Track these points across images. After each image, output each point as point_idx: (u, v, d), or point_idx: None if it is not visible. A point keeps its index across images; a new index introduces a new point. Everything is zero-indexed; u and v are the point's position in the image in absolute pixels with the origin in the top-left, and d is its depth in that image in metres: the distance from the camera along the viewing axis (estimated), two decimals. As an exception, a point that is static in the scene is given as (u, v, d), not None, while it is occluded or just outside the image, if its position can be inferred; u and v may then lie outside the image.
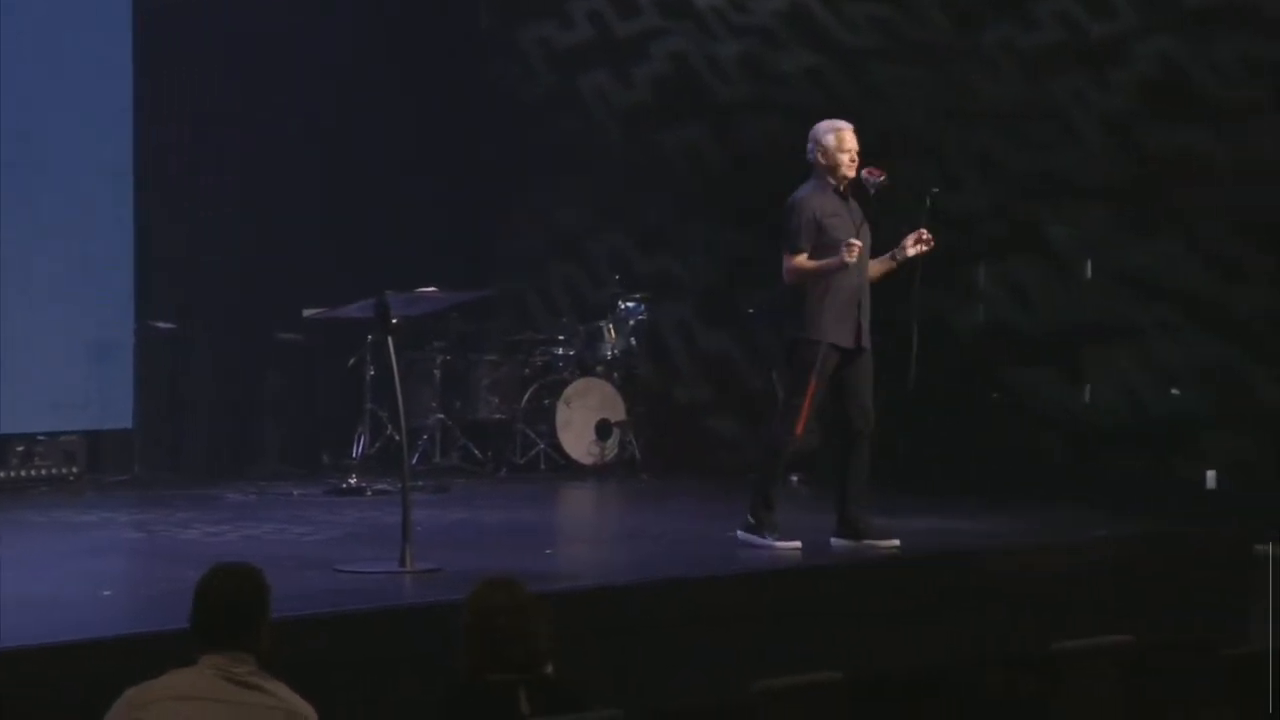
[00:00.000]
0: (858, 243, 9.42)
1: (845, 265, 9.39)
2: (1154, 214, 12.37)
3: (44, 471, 12.66)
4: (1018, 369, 12.93)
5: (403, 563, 8.57)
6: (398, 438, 9.10)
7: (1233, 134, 12.02)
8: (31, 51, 12.67)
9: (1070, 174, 12.70)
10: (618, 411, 13.76)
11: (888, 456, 13.11)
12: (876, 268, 9.79)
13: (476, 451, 13.76)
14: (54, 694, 6.45)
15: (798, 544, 9.53)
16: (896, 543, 9.62)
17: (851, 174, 9.66)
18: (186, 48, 13.50)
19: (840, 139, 9.67)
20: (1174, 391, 12.27)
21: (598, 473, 13.58)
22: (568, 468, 13.57)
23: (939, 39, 13.27)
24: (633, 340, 14.02)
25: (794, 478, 13.22)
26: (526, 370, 14.01)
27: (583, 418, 13.67)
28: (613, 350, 13.95)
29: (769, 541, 9.50)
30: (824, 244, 9.57)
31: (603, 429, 13.70)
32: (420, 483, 12.01)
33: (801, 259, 9.56)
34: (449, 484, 12.85)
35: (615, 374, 13.97)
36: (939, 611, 9.06)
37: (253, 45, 13.75)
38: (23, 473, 12.56)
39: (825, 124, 9.78)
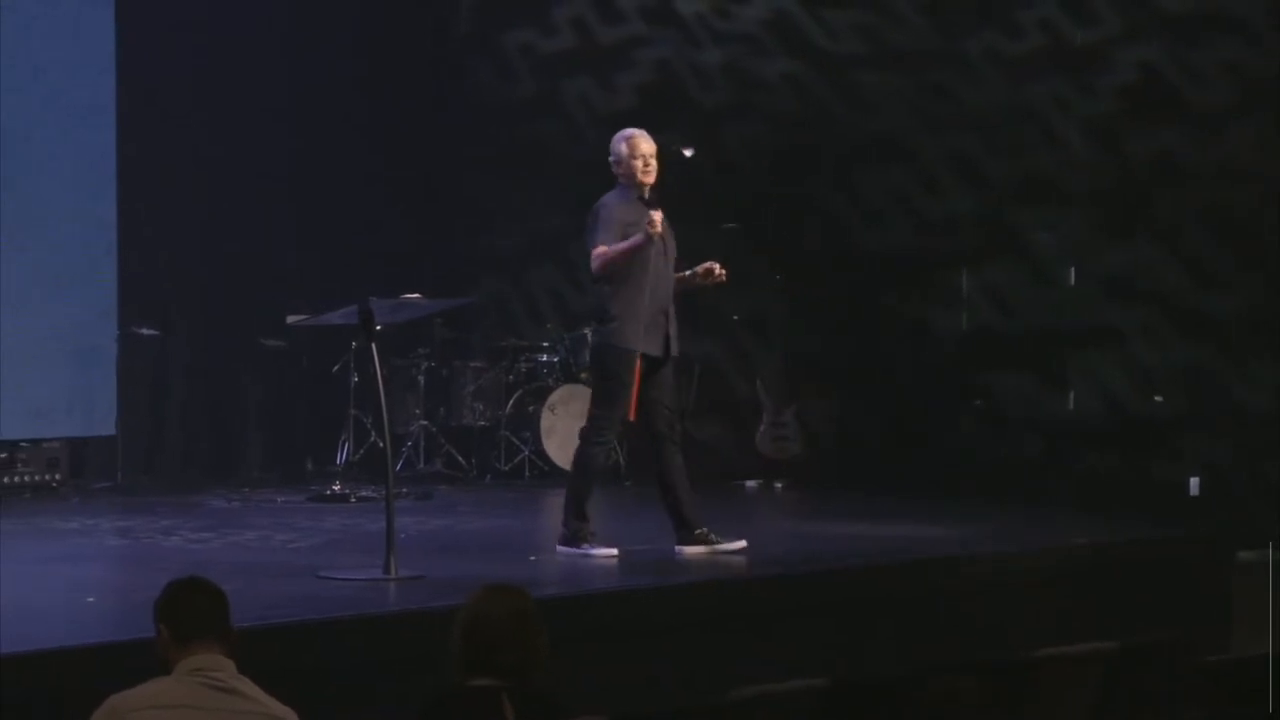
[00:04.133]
0: (658, 213, 9.27)
1: (650, 240, 9.22)
2: (1135, 218, 12.41)
3: (27, 478, 12.66)
4: (1000, 374, 12.96)
5: (386, 570, 8.57)
6: (381, 444, 9.11)
7: (1212, 138, 12.07)
8: (13, 56, 12.68)
9: (1052, 179, 12.74)
10: (601, 418, 13.75)
11: (868, 461, 13.20)
12: (677, 284, 9.68)
13: (460, 458, 13.77)
14: (37, 701, 6.45)
15: (614, 550, 9.50)
16: (743, 543, 9.56)
17: (649, 179, 9.48)
18: (168, 53, 13.49)
19: (633, 146, 9.51)
20: (1157, 399, 12.30)
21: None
22: (551, 474, 13.56)
23: (921, 45, 13.31)
24: (616, 346, 14.01)
25: (777, 485, 13.28)
26: (510, 377, 14.02)
27: (566, 424, 13.64)
28: (596, 356, 13.94)
29: (587, 550, 9.45)
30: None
31: (586, 435, 13.70)
32: (404, 489, 12.01)
33: (603, 248, 9.41)
34: (433, 491, 12.85)
35: (599, 380, 13.96)
36: (918, 617, 9.08)
37: (234, 51, 13.76)
38: (5, 479, 12.55)
39: (620, 133, 9.61)
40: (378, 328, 9.01)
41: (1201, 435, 12.11)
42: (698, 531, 9.59)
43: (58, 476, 12.84)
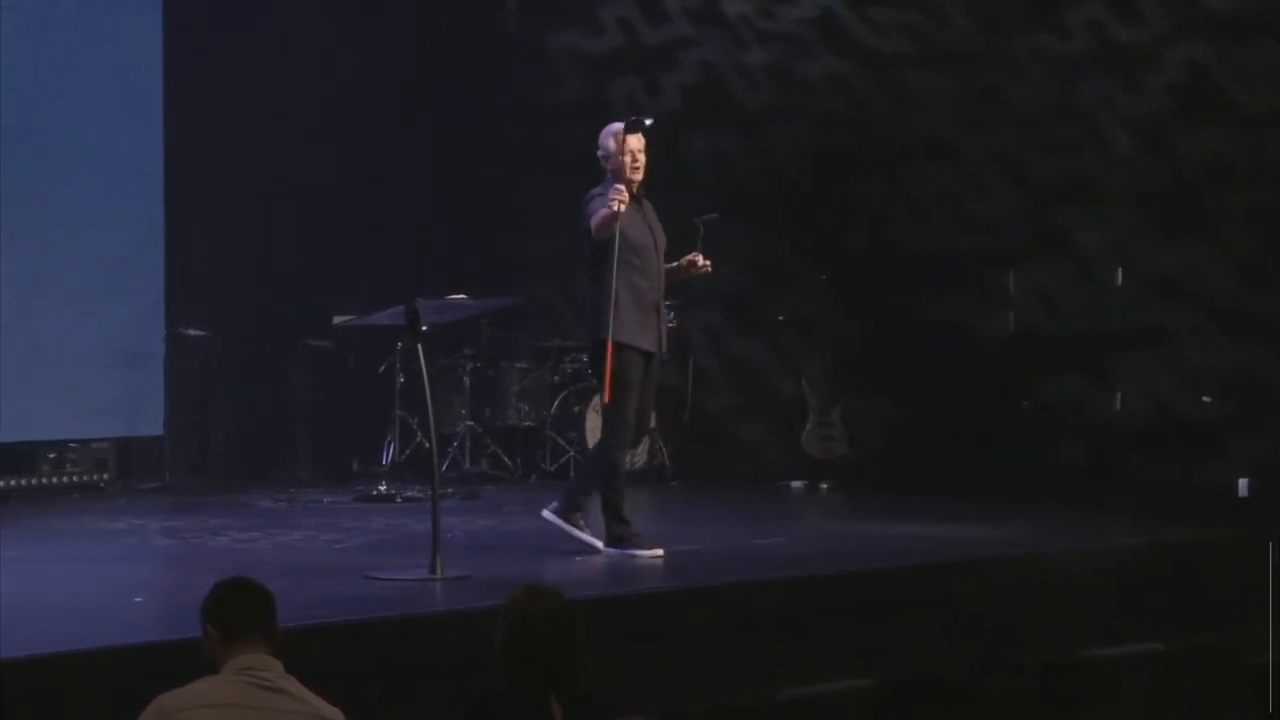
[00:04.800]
0: (622, 188, 9.21)
1: (614, 212, 9.15)
2: (1182, 219, 12.36)
3: (75, 478, 12.72)
4: (1047, 375, 12.92)
5: (432, 570, 8.58)
6: (427, 444, 9.12)
7: (1260, 139, 12.02)
8: (63, 58, 12.73)
9: (1099, 179, 12.70)
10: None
11: (914, 461, 13.16)
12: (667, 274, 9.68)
13: (506, 458, 13.78)
14: (85, 700, 6.48)
15: (660, 551, 9.46)
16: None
17: (637, 176, 9.47)
18: (216, 54, 13.53)
19: (621, 142, 9.49)
20: (1206, 399, 12.25)
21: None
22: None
23: (967, 45, 13.27)
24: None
25: (823, 485, 13.25)
26: (556, 377, 14.03)
27: (612, 425, 13.65)
28: (642, 357, 13.93)
29: (633, 552, 9.41)
30: (622, 240, 9.37)
31: (632, 436, 13.69)
32: (450, 490, 12.03)
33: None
34: (478, 491, 12.86)
35: (644, 381, 13.96)
36: (965, 618, 9.05)
37: (281, 51, 13.79)
38: (54, 479, 12.61)
39: (608, 128, 9.58)
40: (424, 328, 9.01)
41: (1250, 436, 12.05)
42: (574, 515, 9.63)
43: (106, 477, 12.89)
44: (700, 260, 9.64)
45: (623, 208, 9.24)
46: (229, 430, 13.95)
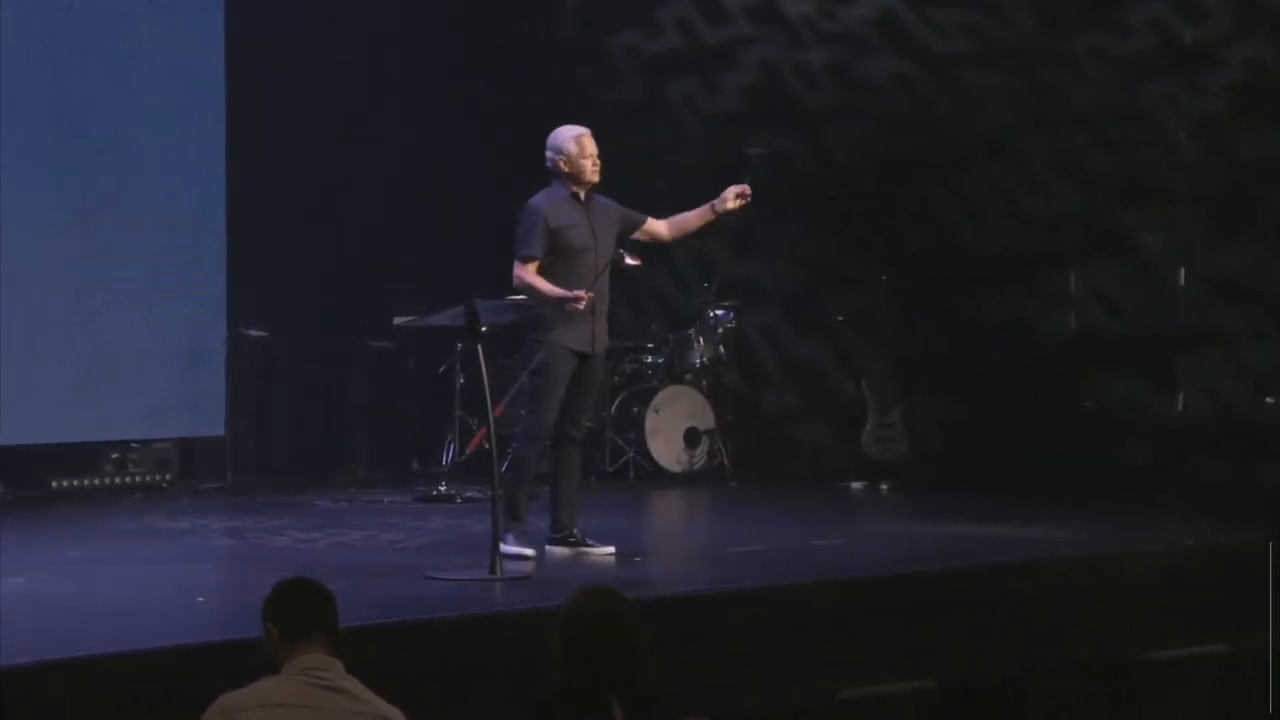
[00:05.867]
0: (586, 296, 9.21)
1: (570, 314, 9.21)
2: (1245, 219, 12.30)
3: (138, 478, 12.79)
4: (1108, 375, 12.88)
5: (492, 570, 8.60)
6: (487, 445, 9.13)
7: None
8: (126, 59, 12.80)
9: (1161, 179, 12.64)
10: (706, 419, 13.76)
11: (974, 462, 13.13)
12: (695, 220, 9.69)
13: (565, 458, 13.78)
14: (148, 699, 6.52)
15: (531, 551, 9.30)
16: (612, 549, 9.43)
17: (596, 179, 9.48)
18: (278, 57, 13.58)
19: (582, 145, 9.47)
20: (1269, 400, 12.19)
21: (686, 480, 13.59)
22: (656, 475, 13.58)
23: (1027, 44, 13.24)
24: (721, 348, 14.02)
25: (882, 486, 13.23)
26: (615, 378, 14.02)
27: (671, 425, 13.68)
28: (701, 358, 13.96)
29: (507, 543, 9.14)
30: (560, 252, 9.40)
31: (691, 437, 13.71)
32: (509, 490, 12.04)
33: (532, 270, 9.36)
34: (538, 491, 12.85)
35: (704, 382, 13.97)
36: (1024, 619, 9.02)
37: (344, 52, 13.83)
38: (117, 479, 12.69)
39: (565, 130, 9.54)
40: (483, 329, 9.03)
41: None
42: (569, 535, 9.50)
43: (168, 477, 12.96)
44: (737, 191, 9.50)
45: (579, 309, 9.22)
46: (289, 430, 14.01)
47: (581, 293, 9.24)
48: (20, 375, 12.12)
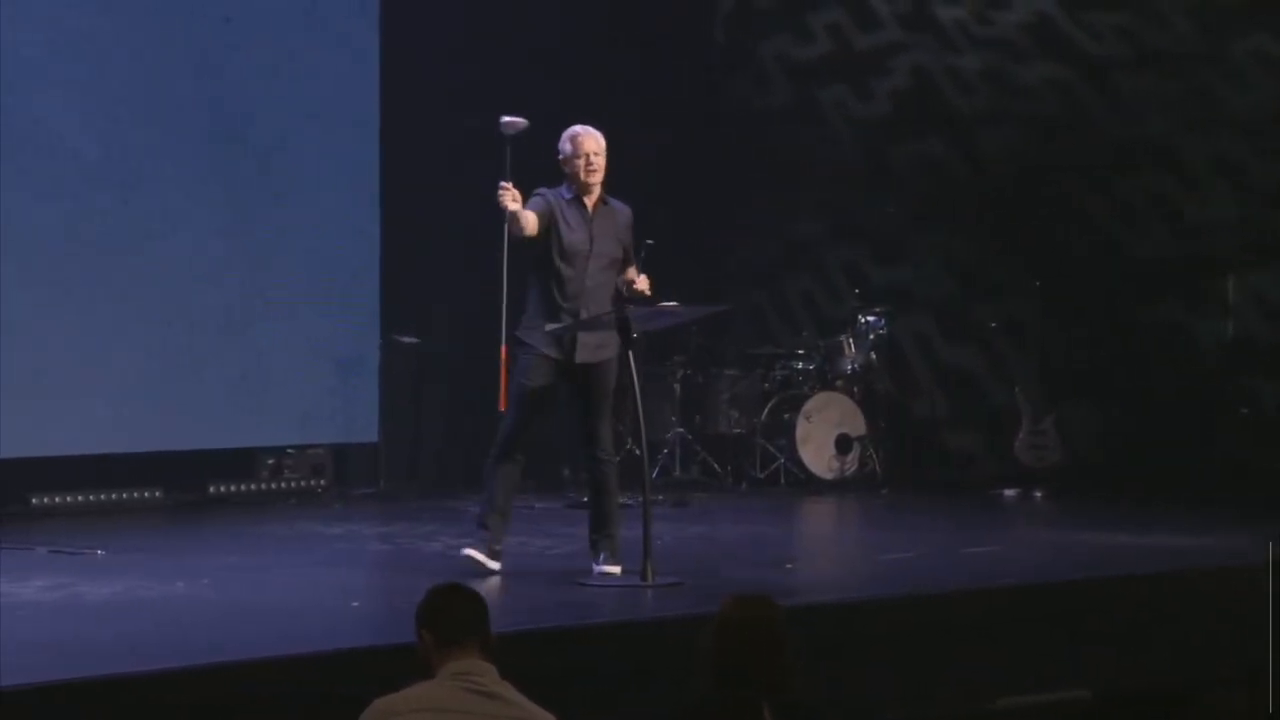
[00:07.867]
0: (507, 185, 9.11)
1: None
2: None
3: (292, 484, 12.91)
4: (1267, 382, 12.70)
5: (644, 576, 8.60)
6: (638, 451, 9.13)
7: None
8: (278, 69, 12.92)
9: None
10: (858, 426, 13.70)
11: (1129, 470, 12.99)
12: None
13: (716, 466, 13.78)
14: (303, 704, 6.57)
15: (495, 565, 8.90)
16: (618, 570, 8.94)
17: (593, 179, 9.26)
18: (431, 65, 13.66)
19: (576, 144, 9.33)
20: None
21: (838, 487, 13.53)
22: (808, 482, 13.54)
23: (1183, 47, 13.09)
24: (872, 354, 13.96)
25: (1036, 493, 13.12)
26: (766, 384, 14.01)
27: (823, 432, 13.63)
28: (852, 364, 13.90)
29: (467, 547, 8.97)
30: (555, 242, 9.22)
31: (843, 443, 13.65)
32: (660, 497, 12.06)
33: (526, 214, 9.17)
34: (688, 498, 12.88)
35: (855, 388, 13.92)
36: (1184, 629, 8.91)
37: (497, 61, 13.89)
38: (272, 485, 12.82)
39: (566, 131, 9.41)
40: (634, 335, 9.04)
41: None
42: (595, 556, 9.02)
43: (322, 482, 13.08)
44: (632, 276, 9.30)
45: (515, 205, 9.09)
46: (441, 437, 14.08)
47: (506, 183, 9.10)
48: (179, 381, 12.28)
